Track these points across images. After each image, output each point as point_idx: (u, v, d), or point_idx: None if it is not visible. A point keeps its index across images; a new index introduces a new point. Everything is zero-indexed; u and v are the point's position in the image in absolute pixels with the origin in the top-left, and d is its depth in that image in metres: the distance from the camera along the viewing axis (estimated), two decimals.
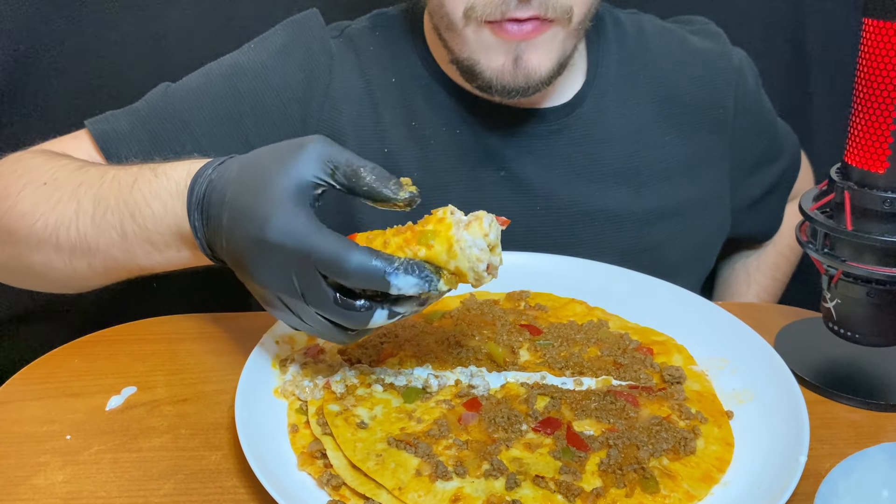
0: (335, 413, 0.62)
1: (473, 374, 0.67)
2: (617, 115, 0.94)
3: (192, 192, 0.65)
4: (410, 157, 0.91)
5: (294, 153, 0.59)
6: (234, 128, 0.88)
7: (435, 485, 0.55)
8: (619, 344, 0.73)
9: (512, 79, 0.82)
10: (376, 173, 0.59)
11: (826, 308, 0.72)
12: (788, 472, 0.55)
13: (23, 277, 0.81)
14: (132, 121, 0.87)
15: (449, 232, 0.56)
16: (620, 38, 0.97)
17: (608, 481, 0.56)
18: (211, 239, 0.64)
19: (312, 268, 0.56)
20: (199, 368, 0.73)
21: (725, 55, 1.00)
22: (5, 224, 0.76)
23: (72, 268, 0.75)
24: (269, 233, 0.57)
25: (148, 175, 0.70)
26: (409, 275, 0.55)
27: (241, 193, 0.60)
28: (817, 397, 0.70)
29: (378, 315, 0.58)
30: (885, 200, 0.66)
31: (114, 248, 0.72)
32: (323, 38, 0.92)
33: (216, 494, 0.58)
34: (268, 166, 0.59)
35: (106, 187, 0.72)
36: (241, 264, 0.61)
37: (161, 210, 0.68)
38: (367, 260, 0.55)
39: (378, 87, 0.92)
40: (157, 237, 0.69)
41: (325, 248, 0.55)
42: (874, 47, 0.64)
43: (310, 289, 0.57)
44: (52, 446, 0.62)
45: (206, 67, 0.91)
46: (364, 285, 0.56)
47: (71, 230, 0.72)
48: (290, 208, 0.57)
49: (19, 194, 0.75)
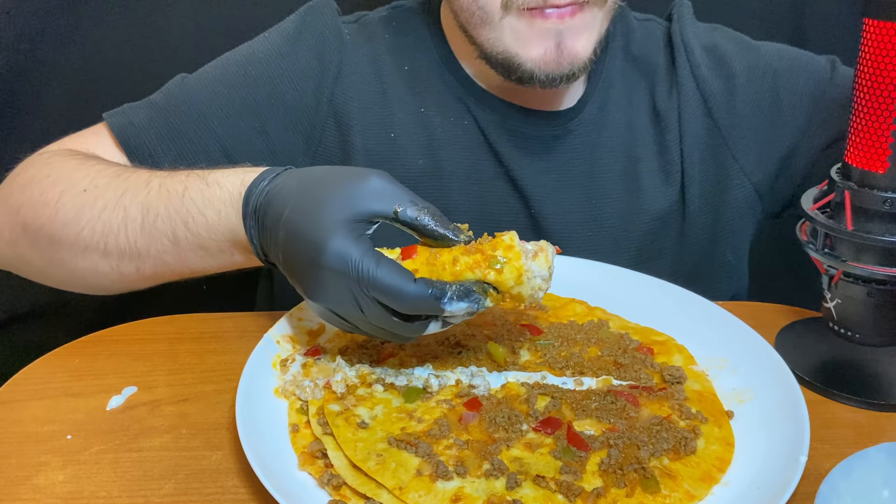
0: (336, 413, 0.62)
1: (474, 374, 0.67)
2: (617, 121, 0.94)
3: (248, 203, 0.67)
4: (416, 143, 0.91)
5: (356, 184, 0.61)
6: (250, 115, 0.88)
7: (435, 485, 0.55)
8: (620, 344, 0.73)
9: (556, 66, 0.82)
10: (437, 218, 0.62)
11: (826, 308, 0.73)
12: (788, 472, 0.55)
13: (62, 280, 0.81)
14: (150, 113, 0.87)
15: (518, 261, 0.61)
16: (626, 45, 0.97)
17: (609, 481, 0.56)
18: (265, 247, 0.66)
19: (369, 295, 0.59)
20: (200, 368, 0.73)
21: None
22: (47, 231, 0.76)
23: (119, 272, 0.76)
24: (325, 260, 0.59)
25: (198, 184, 0.71)
26: (460, 301, 0.60)
27: (299, 214, 0.61)
28: (817, 397, 0.70)
29: (432, 326, 0.62)
30: (886, 200, 0.66)
31: (165, 254, 0.73)
32: (335, 24, 0.92)
33: (217, 494, 0.58)
34: (328, 193, 0.61)
35: (153, 196, 0.73)
36: (296, 281, 0.64)
37: (215, 218, 0.70)
38: (422, 292, 0.59)
39: (389, 74, 0.92)
40: (211, 243, 0.71)
41: (383, 281, 0.58)
42: (874, 47, 0.64)
43: (366, 308, 0.60)
44: (52, 446, 0.62)
45: (221, 57, 0.92)
46: (419, 313, 0.60)
47: (120, 237, 0.73)
48: (346, 237, 0.59)
49: (59, 201, 0.75)
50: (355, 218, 0.60)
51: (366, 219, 0.61)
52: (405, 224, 0.61)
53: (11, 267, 0.84)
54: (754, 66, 0.94)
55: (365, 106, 0.91)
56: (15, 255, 0.81)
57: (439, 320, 0.62)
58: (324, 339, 0.73)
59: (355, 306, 0.60)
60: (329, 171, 0.65)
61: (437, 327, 0.63)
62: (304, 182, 0.64)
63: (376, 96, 0.91)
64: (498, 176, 0.92)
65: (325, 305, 0.62)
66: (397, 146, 0.91)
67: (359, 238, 0.59)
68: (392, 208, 0.61)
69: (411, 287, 0.58)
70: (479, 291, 0.61)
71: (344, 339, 0.73)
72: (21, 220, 0.78)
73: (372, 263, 0.58)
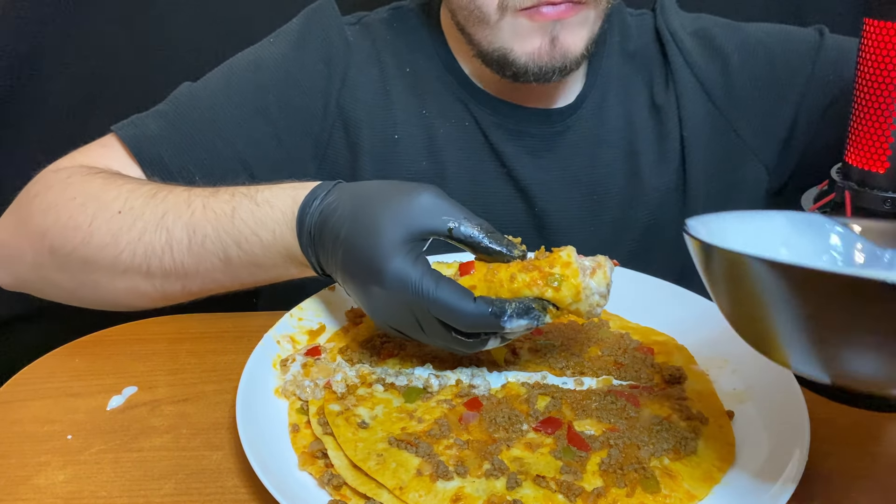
0: (336, 413, 0.62)
1: (474, 374, 0.67)
2: (616, 116, 0.94)
3: (302, 223, 0.67)
4: (419, 145, 0.92)
5: (409, 202, 0.62)
6: (262, 121, 0.88)
7: (436, 484, 0.55)
8: (620, 344, 0.73)
9: (549, 59, 0.83)
10: (491, 234, 0.62)
11: None
12: (788, 472, 0.55)
13: (95, 300, 0.80)
14: (161, 123, 0.86)
15: (576, 279, 0.61)
16: (622, 41, 0.97)
17: (609, 481, 0.56)
18: (323, 263, 0.67)
19: (429, 314, 0.59)
20: (200, 368, 0.73)
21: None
22: (80, 255, 0.75)
23: (162, 291, 0.76)
24: (385, 282, 0.60)
25: (247, 204, 0.71)
26: (520, 318, 0.60)
27: (356, 237, 0.62)
28: (817, 397, 0.70)
29: (491, 342, 0.62)
30: (886, 200, 0.66)
31: (215, 272, 0.74)
32: (339, 26, 0.93)
33: (217, 494, 0.58)
34: (382, 212, 0.61)
35: (199, 217, 0.73)
36: (357, 299, 0.64)
37: (270, 238, 0.70)
38: (482, 311, 0.59)
39: (392, 76, 0.93)
40: (266, 260, 0.71)
41: (443, 301, 0.59)
42: (874, 47, 0.64)
43: (427, 327, 0.61)
44: (52, 446, 0.63)
45: (226, 64, 0.92)
46: (479, 331, 0.60)
47: (165, 259, 0.73)
48: (405, 260, 0.60)
49: (91, 225, 0.75)
50: (411, 238, 0.60)
51: (420, 237, 0.61)
52: (459, 241, 0.62)
53: (34, 290, 0.83)
54: (745, 45, 0.95)
55: (370, 108, 0.91)
56: (39, 279, 0.80)
57: (498, 336, 0.62)
58: (324, 339, 0.73)
59: (416, 325, 0.61)
60: (380, 187, 0.65)
61: (497, 343, 0.63)
62: (357, 200, 0.64)
63: (380, 98, 0.92)
64: (500, 176, 0.92)
65: (387, 323, 0.63)
66: (401, 148, 0.91)
67: (416, 259, 0.60)
68: (446, 225, 0.61)
69: (471, 307, 0.59)
70: (539, 308, 0.61)
71: (344, 339, 0.73)
72: (48, 244, 0.76)
73: (431, 284, 0.59)
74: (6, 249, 0.81)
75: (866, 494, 0.58)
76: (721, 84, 0.95)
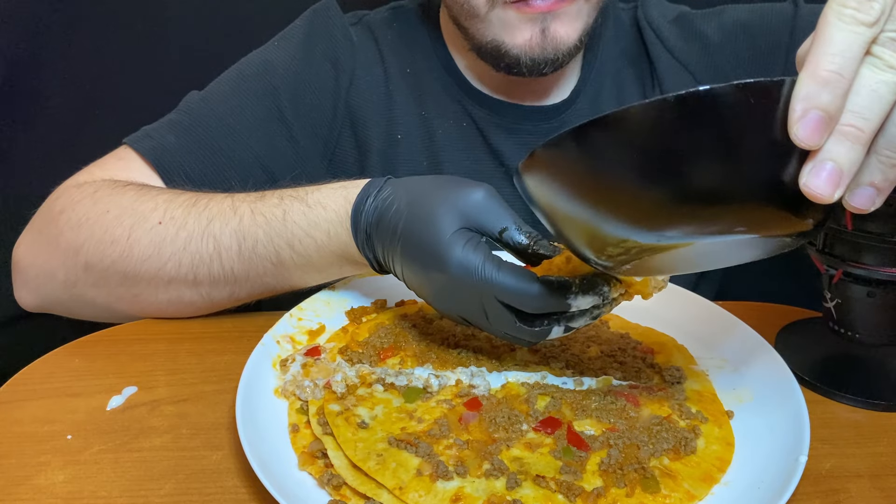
0: (336, 413, 0.62)
1: (474, 374, 0.67)
2: (610, 109, 0.95)
3: (357, 222, 0.67)
4: (419, 145, 0.92)
5: (465, 195, 0.62)
6: (277, 124, 0.88)
7: (436, 484, 0.55)
8: (620, 344, 0.73)
9: (541, 51, 0.83)
10: (538, 243, 0.62)
11: (826, 308, 0.73)
12: (788, 472, 0.55)
13: (130, 314, 0.80)
14: (176, 132, 0.86)
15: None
16: (616, 35, 0.98)
17: (609, 481, 0.56)
18: (382, 260, 0.67)
19: (494, 299, 0.60)
20: (200, 368, 0.73)
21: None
22: (120, 269, 0.75)
23: (209, 299, 0.76)
24: (451, 271, 0.60)
25: (298, 207, 0.71)
26: (586, 294, 0.59)
27: (415, 226, 0.62)
28: (817, 397, 0.70)
29: (555, 330, 0.62)
30: (886, 200, 0.65)
31: (265, 276, 0.74)
32: (343, 26, 0.93)
33: (217, 494, 0.58)
34: (439, 203, 0.62)
35: (248, 222, 0.73)
36: (420, 292, 0.65)
37: (325, 239, 0.70)
38: (548, 290, 0.59)
39: (393, 76, 0.93)
40: (320, 261, 0.72)
41: (508, 284, 0.59)
42: None
43: (492, 313, 0.61)
44: (52, 446, 0.62)
45: (234, 70, 0.92)
46: (545, 311, 0.60)
47: (213, 267, 0.73)
48: (466, 246, 0.60)
49: (130, 237, 0.74)
50: (469, 227, 0.61)
51: (475, 230, 0.62)
52: (506, 245, 0.62)
53: (63, 309, 0.82)
54: (724, 25, 0.96)
55: (376, 108, 0.92)
56: (71, 297, 0.79)
57: (562, 325, 0.62)
58: (324, 339, 0.73)
59: (480, 311, 0.61)
60: (435, 181, 0.66)
61: (560, 332, 0.62)
62: (412, 194, 0.64)
63: (384, 98, 0.92)
64: (499, 174, 0.93)
65: (451, 311, 0.63)
66: (403, 148, 0.92)
67: (477, 246, 0.61)
68: (499, 226, 0.62)
69: (535, 286, 0.59)
70: (604, 283, 0.60)
71: (344, 338, 0.73)
72: (82, 260, 0.76)
73: (494, 268, 0.59)
74: (33, 270, 0.80)
75: (866, 495, 0.58)
76: (704, 64, 0.95)
